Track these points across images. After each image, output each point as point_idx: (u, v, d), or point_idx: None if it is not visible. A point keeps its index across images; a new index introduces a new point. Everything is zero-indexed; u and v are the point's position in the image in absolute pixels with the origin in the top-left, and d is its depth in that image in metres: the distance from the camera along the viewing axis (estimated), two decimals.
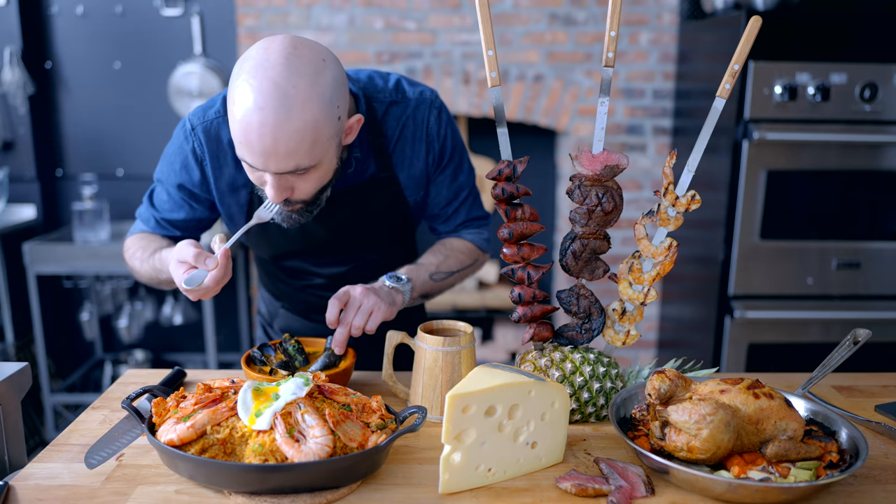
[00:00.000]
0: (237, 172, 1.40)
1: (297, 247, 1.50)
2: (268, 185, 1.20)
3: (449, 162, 1.49)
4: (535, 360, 1.20)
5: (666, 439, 0.99)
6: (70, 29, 3.31)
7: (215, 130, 1.38)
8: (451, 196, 1.52)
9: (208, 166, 1.39)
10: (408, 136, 1.44)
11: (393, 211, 1.49)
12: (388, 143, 1.43)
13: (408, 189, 1.47)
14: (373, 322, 1.26)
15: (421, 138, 1.44)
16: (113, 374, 3.48)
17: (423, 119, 1.44)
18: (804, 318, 2.73)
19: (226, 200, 1.44)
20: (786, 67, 2.54)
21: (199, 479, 0.95)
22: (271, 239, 1.49)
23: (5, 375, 1.12)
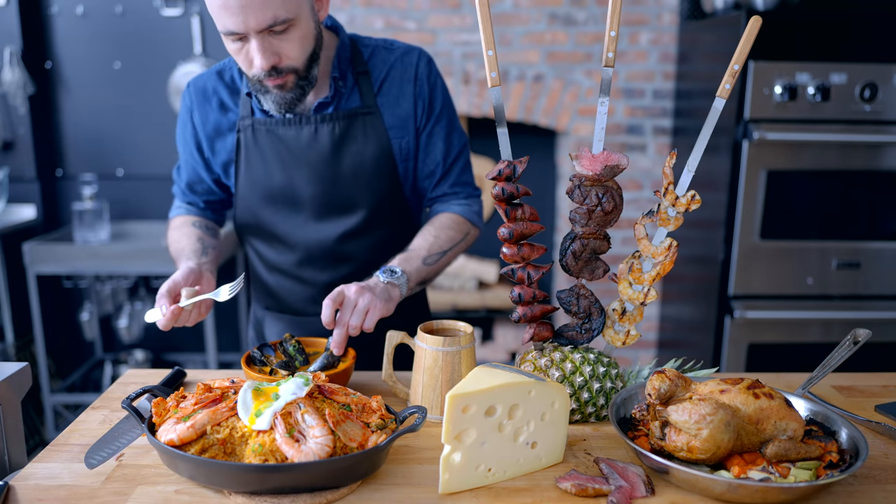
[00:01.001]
0: (221, 116, 1.51)
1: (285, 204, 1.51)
2: (254, 52, 1.28)
3: (442, 114, 1.53)
4: (535, 360, 1.20)
5: (666, 439, 0.99)
6: (70, 29, 3.31)
7: (202, 83, 1.53)
8: (445, 151, 1.54)
9: (196, 115, 1.52)
10: (395, 77, 1.50)
11: (377, 152, 1.49)
12: (374, 82, 1.49)
13: (392, 129, 1.49)
14: (370, 321, 1.26)
15: (409, 80, 1.49)
16: (113, 374, 3.48)
17: (412, 63, 1.50)
18: (804, 318, 2.73)
19: (215, 147, 1.53)
20: (786, 67, 2.54)
21: (199, 479, 0.95)
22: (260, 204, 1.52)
23: (5, 375, 1.12)
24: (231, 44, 1.31)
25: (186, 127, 1.55)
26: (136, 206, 3.49)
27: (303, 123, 1.46)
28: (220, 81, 1.52)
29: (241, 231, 1.63)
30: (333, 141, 1.47)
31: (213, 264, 1.48)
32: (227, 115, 1.51)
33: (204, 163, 1.57)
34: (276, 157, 1.48)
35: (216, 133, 1.52)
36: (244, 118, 1.49)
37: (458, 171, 1.58)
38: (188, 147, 1.56)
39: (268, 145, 1.48)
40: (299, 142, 1.47)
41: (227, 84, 1.52)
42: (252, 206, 1.54)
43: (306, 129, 1.46)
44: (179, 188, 1.63)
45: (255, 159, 1.50)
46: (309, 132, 1.46)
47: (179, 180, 1.63)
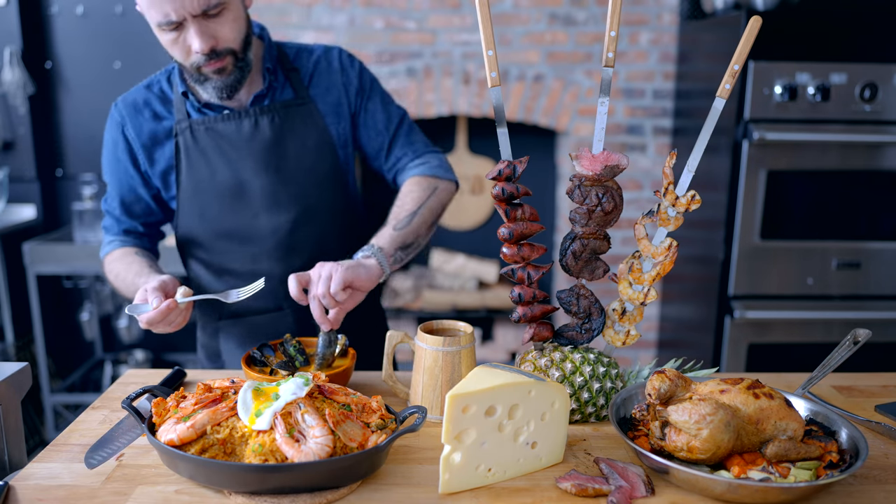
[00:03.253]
0: (156, 125, 1.51)
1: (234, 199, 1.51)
2: (192, 37, 1.33)
3: (372, 90, 1.59)
4: (535, 360, 1.20)
5: (666, 439, 0.99)
6: (70, 29, 3.31)
7: (132, 97, 1.54)
8: (385, 121, 1.59)
9: (129, 128, 1.51)
10: (321, 70, 1.57)
11: (317, 139, 1.53)
12: (303, 77, 1.55)
13: (328, 116, 1.55)
14: (335, 285, 1.25)
15: (335, 71, 1.57)
16: (113, 374, 3.48)
17: (335, 57, 1.59)
18: (804, 318, 2.73)
19: (153, 156, 1.52)
20: (786, 67, 2.54)
21: (199, 479, 0.95)
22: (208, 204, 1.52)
23: (5, 375, 1.12)
24: (166, 35, 1.35)
25: (118, 145, 1.53)
26: None
27: (242, 117, 1.49)
28: (149, 93, 1.54)
29: (184, 242, 1.59)
30: (275, 131, 1.50)
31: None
32: (162, 123, 1.51)
33: (141, 178, 1.54)
34: (219, 154, 1.49)
35: (152, 142, 1.52)
36: (180, 121, 1.50)
37: (405, 136, 1.61)
38: (122, 165, 1.53)
39: (209, 143, 1.49)
40: (241, 134, 1.49)
41: (157, 94, 1.53)
42: (198, 209, 1.53)
43: (246, 122, 1.49)
44: (113, 217, 1.58)
45: (197, 160, 1.50)
46: (249, 124, 1.49)
47: (112, 209, 1.57)
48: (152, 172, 1.53)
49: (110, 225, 1.59)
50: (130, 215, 1.58)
